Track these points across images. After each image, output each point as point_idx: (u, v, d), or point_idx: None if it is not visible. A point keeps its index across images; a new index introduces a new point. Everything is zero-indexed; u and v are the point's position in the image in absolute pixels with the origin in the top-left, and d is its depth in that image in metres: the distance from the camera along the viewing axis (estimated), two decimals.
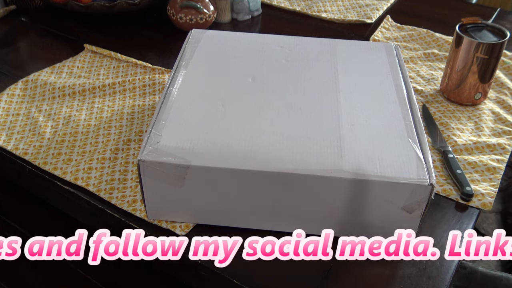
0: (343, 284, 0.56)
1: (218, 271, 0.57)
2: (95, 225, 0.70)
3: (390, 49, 0.78)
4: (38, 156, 0.72)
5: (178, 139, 0.58)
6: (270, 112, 0.63)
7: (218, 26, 1.09)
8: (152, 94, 0.85)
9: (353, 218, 0.58)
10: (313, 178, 0.55)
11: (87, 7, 1.02)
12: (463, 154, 0.74)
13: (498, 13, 1.17)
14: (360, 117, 0.63)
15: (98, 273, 0.86)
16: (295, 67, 0.73)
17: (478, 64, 0.80)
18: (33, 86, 0.87)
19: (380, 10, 1.16)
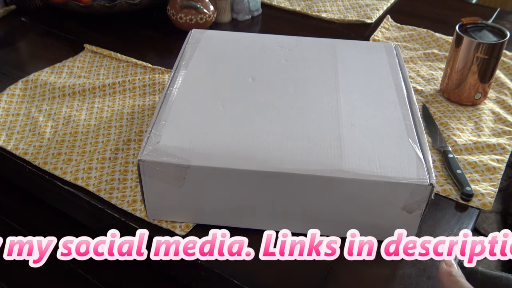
0: (343, 284, 0.56)
1: (218, 271, 0.57)
2: (95, 225, 0.70)
3: (390, 49, 0.78)
4: (38, 156, 0.72)
5: (178, 139, 0.58)
6: (270, 112, 0.63)
7: (218, 26, 1.09)
8: (152, 94, 0.85)
9: (353, 218, 0.58)
10: (313, 178, 0.55)
11: (87, 7, 1.02)
12: (463, 154, 0.74)
13: (498, 13, 1.17)
14: (360, 117, 0.63)
15: (98, 273, 0.86)
16: (295, 67, 0.73)
17: (478, 64, 0.80)
18: (33, 86, 0.87)
19: (380, 10, 1.16)
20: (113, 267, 0.86)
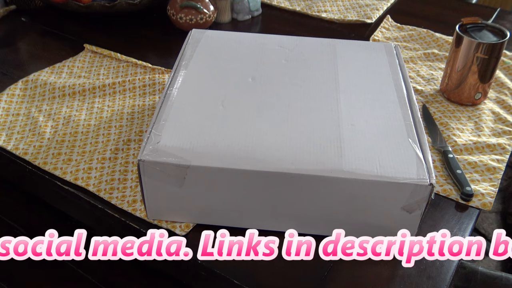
0: (343, 284, 0.56)
1: (218, 271, 0.57)
2: (95, 225, 0.70)
3: (390, 49, 0.78)
4: (38, 156, 0.72)
5: (178, 139, 0.58)
6: (270, 112, 0.63)
7: (218, 26, 1.09)
8: (152, 94, 0.85)
9: (353, 218, 0.58)
10: (313, 178, 0.55)
11: (87, 7, 1.02)
12: (463, 154, 0.74)
13: (498, 13, 1.17)
14: (360, 117, 0.63)
15: (98, 273, 0.86)
16: (295, 67, 0.73)
17: (478, 64, 0.80)
18: (33, 86, 0.87)
19: (380, 10, 1.16)
20: (113, 267, 0.86)
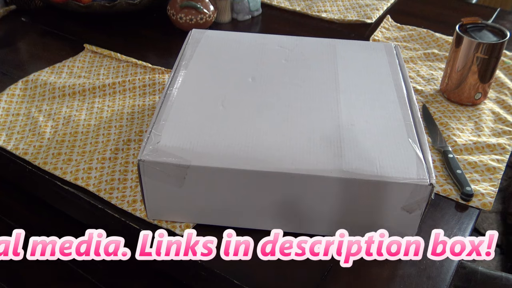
0: (343, 284, 0.56)
1: (218, 271, 0.57)
2: (95, 225, 0.70)
3: (390, 49, 0.78)
4: (38, 156, 0.72)
5: (178, 139, 0.58)
6: (270, 112, 0.63)
7: (218, 26, 1.09)
8: (152, 94, 0.85)
9: (353, 218, 0.58)
10: (313, 178, 0.55)
11: (87, 7, 1.02)
12: (463, 154, 0.74)
13: (498, 13, 1.17)
14: (360, 117, 0.63)
15: (98, 273, 0.86)
16: (295, 67, 0.73)
17: (478, 64, 0.80)
18: (33, 86, 0.87)
19: (380, 10, 1.16)
20: (113, 267, 0.86)
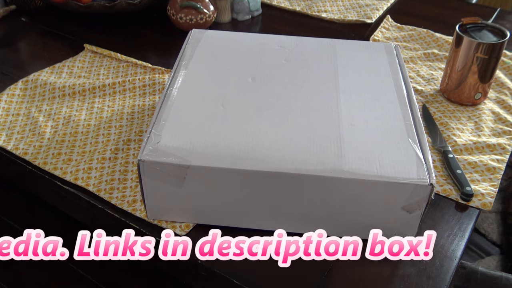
0: (343, 284, 0.56)
1: (218, 271, 0.57)
2: (95, 225, 0.70)
3: (390, 49, 0.78)
4: (38, 156, 0.72)
5: (178, 139, 0.58)
6: (270, 112, 0.63)
7: (218, 26, 1.09)
8: (152, 94, 0.85)
9: (353, 218, 0.58)
10: (313, 178, 0.55)
11: (87, 7, 1.02)
12: (463, 154, 0.74)
13: (498, 13, 1.17)
14: (360, 117, 0.63)
15: (98, 273, 0.86)
16: (295, 67, 0.73)
17: (478, 64, 0.80)
18: (33, 86, 0.87)
19: (380, 10, 1.16)
20: (113, 267, 0.86)
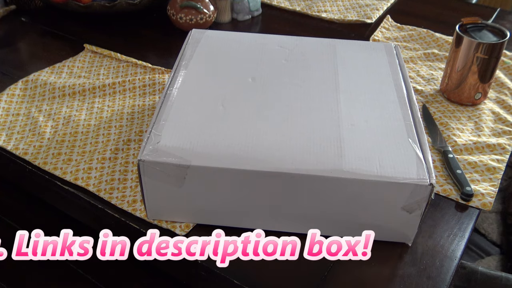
0: (343, 284, 0.56)
1: (218, 271, 0.57)
2: (95, 225, 0.70)
3: (390, 49, 0.78)
4: (38, 156, 0.72)
5: (178, 139, 0.58)
6: (270, 112, 0.63)
7: (218, 26, 1.09)
8: (152, 94, 0.85)
9: (353, 218, 0.58)
10: (313, 178, 0.55)
11: (87, 7, 1.02)
12: (463, 154, 0.74)
13: (498, 13, 1.17)
14: (360, 117, 0.63)
15: (98, 273, 0.86)
16: (295, 67, 0.73)
17: (478, 64, 0.80)
18: (33, 86, 0.87)
19: (380, 10, 1.16)
20: (113, 267, 0.86)
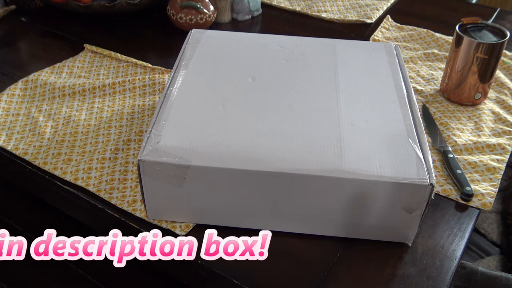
0: (343, 284, 0.56)
1: (218, 271, 0.57)
2: (95, 225, 0.70)
3: (390, 49, 0.78)
4: (38, 156, 0.72)
5: (178, 139, 0.58)
6: (270, 112, 0.63)
7: (218, 26, 1.09)
8: (152, 94, 0.85)
9: (353, 218, 0.58)
10: (313, 178, 0.55)
11: (87, 7, 1.02)
12: (463, 154, 0.74)
13: (498, 13, 1.17)
14: (360, 117, 0.63)
15: (98, 273, 0.86)
16: (295, 67, 0.73)
17: (478, 64, 0.80)
18: (33, 86, 0.87)
19: (380, 10, 1.16)
20: (113, 267, 0.86)
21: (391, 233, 0.59)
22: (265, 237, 0.59)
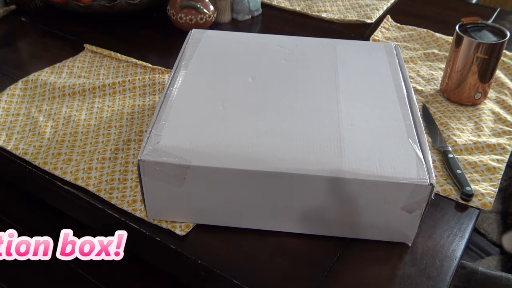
0: (343, 284, 0.56)
1: (218, 271, 0.57)
2: (95, 225, 0.70)
3: (390, 49, 0.78)
4: (38, 156, 0.72)
5: (178, 139, 0.58)
6: (270, 112, 0.63)
7: (218, 26, 1.09)
8: (152, 94, 0.85)
9: (353, 218, 0.58)
10: (313, 178, 0.55)
11: (87, 7, 1.02)
12: (463, 154, 0.74)
13: (498, 13, 1.17)
14: (360, 117, 0.63)
15: (98, 273, 0.86)
16: (295, 67, 0.73)
17: (478, 64, 0.80)
18: (33, 86, 0.87)
19: (380, 10, 1.16)
20: (113, 267, 0.86)
21: (391, 233, 0.59)
22: (120, 237, 0.59)
